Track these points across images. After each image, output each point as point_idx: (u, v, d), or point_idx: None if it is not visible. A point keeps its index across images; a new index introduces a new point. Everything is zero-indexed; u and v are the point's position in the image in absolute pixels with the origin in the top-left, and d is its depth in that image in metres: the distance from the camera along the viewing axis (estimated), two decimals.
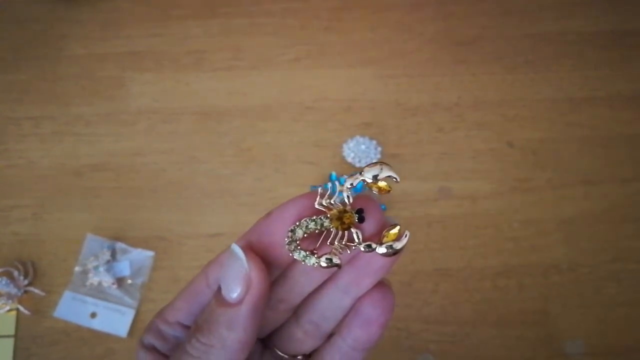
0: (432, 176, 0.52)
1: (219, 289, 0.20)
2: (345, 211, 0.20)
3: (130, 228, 0.50)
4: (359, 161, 0.52)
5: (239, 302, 0.19)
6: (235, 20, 0.59)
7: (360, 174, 0.20)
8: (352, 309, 0.21)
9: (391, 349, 0.47)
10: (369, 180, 0.20)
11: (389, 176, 0.20)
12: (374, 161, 0.20)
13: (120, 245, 0.49)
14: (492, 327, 0.48)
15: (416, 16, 0.59)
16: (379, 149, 0.52)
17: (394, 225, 0.20)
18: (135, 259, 0.49)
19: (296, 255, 0.19)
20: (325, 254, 0.19)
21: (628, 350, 0.47)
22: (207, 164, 0.53)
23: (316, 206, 0.20)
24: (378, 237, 0.20)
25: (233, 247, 0.19)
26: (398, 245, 0.19)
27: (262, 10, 0.59)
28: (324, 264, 0.19)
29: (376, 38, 0.58)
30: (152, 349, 0.22)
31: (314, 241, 0.20)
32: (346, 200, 0.20)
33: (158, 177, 0.52)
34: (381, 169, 0.19)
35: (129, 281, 0.48)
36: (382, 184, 0.20)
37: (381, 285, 0.21)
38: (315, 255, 0.19)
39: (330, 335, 0.22)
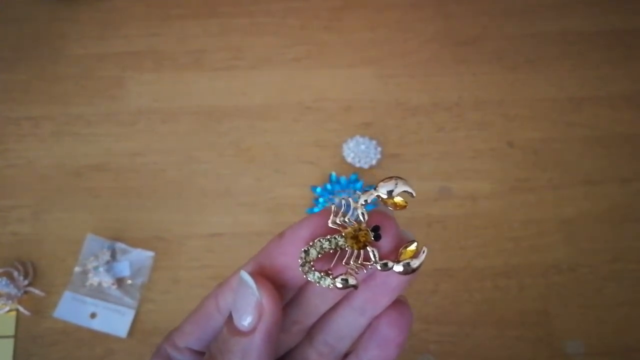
0: (433, 176, 0.52)
1: (230, 316, 0.19)
2: (360, 229, 0.19)
3: (130, 228, 0.50)
4: (359, 161, 0.52)
5: (252, 330, 0.18)
6: (235, 19, 0.58)
7: (375, 189, 0.19)
8: (369, 329, 0.20)
9: None
10: (384, 196, 0.19)
11: (405, 191, 0.19)
12: (388, 176, 0.19)
13: (120, 245, 0.49)
14: (493, 327, 0.48)
15: (416, 16, 0.59)
16: (379, 149, 0.52)
17: (411, 242, 0.19)
18: (135, 259, 0.49)
19: (310, 277, 0.19)
20: (341, 274, 0.19)
21: (628, 350, 0.47)
22: (207, 164, 0.53)
23: (330, 225, 0.19)
24: (395, 255, 0.19)
25: (242, 275, 0.19)
26: (416, 263, 0.18)
27: (262, 9, 0.59)
28: (339, 285, 0.18)
29: (376, 38, 0.58)
30: None
31: (328, 261, 0.19)
32: (361, 218, 0.19)
33: (158, 177, 0.52)
34: (396, 184, 0.19)
35: (129, 281, 0.48)
36: (398, 199, 0.19)
37: (398, 303, 0.20)
38: (331, 276, 0.19)
39: (344, 356, 0.22)
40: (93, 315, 0.47)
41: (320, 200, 0.50)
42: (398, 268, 0.18)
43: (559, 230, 0.51)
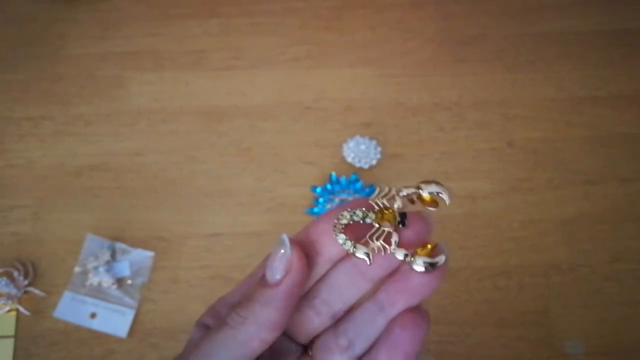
0: (433, 176, 0.52)
1: (264, 272, 0.21)
2: (388, 208, 0.20)
3: (130, 228, 0.50)
4: (359, 161, 0.52)
5: (277, 284, 0.20)
6: (235, 19, 0.58)
7: (418, 188, 0.21)
8: (384, 331, 0.21)
9: None
10: (421, 192, 0.20)
11: (440, 193, 0.20)
12: (435, 181, 0.21)
13: (120, 245, 0.49)
14: (493, 328, 0.47)
15: (416, 15, 0.59)
16: (379, 149, 0.52)
17: (435, 244, 0.20)
18: (135, 259, 0.49)
19: (337, 238, 0.20)
20: (363, 247, 0.20)
21: (628, 351, 0.47)
22: (207, 164, 0.53)
23: (369, 201, 0.21)
24: (414, 250, 0.20)
25: (282, 237, 0.21)
26: (426, 261, 0.19)
27: (262, 9, 0.59)
28: (357, 253, 0.20)
29: (376, 38, 0.58)
30: (204, 327, 0.24)
31: (357, 235, 0.21)
32: (396, 204, 0.21)
33: (158, 177, 0.52)
34: (439, 189, 0.20)
35: (129, 281, 0.48)
36: (427, 195, 0.20)
37: (416, 310, 0.21)
38: (353, 243, 0.20)
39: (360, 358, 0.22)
40: (93, 315, 0.47)
41: (320, 200, 0.50)
42: (417, 265, 0.19)
43: (559, 230, 0.51)
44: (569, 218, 0.51)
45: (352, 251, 0.20)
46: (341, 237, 0.20)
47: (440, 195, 0.20)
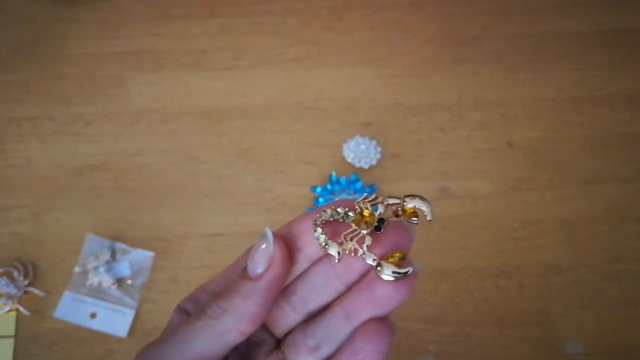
0: (433, 176, 0.52)
1: (245, 266, 0.21)
2: (369, 212, 0.21)
3: (130, 228, 0.50)
4: (359, 161, 0.52)
5: (259, 277, 0.21)
6: (235, 19, 0.58)
7: (402, 200, 0.21)
8: (348, 338, 0.21)
9: (391, 349, 0.47)
10: (404, 203, 0.21)
11: (422, 210, 0.20)
12: (420, 196, 0.21)
13: (120, 245, 0.49)
14: (493, 328, 0.48)
15: (417, 15, 0.59)
16: (379, 149, 0.52)
17: (404, 254, 0.20)
18: (135, 259, 0.49)
19: (314, 232, 0.21)
20: (336, 244, 0.20)
21: (628, 350, 0.47)
22: (206, 164, 0.53)
23: (355, 203, 0.21)
24: (384, 256, 0.20)
25: (266, 230, 0.21)
26: (395, 270, 0.19)
27: (262, 9, 0.59)
28: (329, 250, 0.20)
29: (376, 38, 0.58)
30: (184, 311, 0.24)
31: (336, 233, 0.21)
32: (378, 210, 0.21)
33: (158, 177, 0.52)
34: (422, 203, 0.21)
35: (129, 281, 0.48)
36: (408, 206, 0.21)
37: (381, 321, 0.20)
38: (327, 239, 0.20)
39: None
40: (93, 315, 0.47)
41: (320, 200, 0.50)
42: (369, 260, 0.20)
43: (559, 230, 0.51)
44: (569, 218, 0.51)
45: (324, 246, 0.20)
46: (317, 231, 0.20)
47: (422, 209, 0.21)
